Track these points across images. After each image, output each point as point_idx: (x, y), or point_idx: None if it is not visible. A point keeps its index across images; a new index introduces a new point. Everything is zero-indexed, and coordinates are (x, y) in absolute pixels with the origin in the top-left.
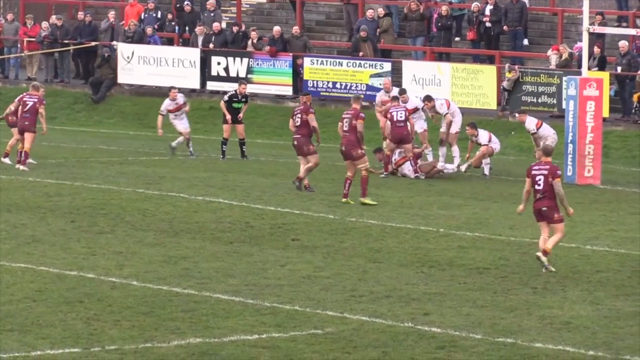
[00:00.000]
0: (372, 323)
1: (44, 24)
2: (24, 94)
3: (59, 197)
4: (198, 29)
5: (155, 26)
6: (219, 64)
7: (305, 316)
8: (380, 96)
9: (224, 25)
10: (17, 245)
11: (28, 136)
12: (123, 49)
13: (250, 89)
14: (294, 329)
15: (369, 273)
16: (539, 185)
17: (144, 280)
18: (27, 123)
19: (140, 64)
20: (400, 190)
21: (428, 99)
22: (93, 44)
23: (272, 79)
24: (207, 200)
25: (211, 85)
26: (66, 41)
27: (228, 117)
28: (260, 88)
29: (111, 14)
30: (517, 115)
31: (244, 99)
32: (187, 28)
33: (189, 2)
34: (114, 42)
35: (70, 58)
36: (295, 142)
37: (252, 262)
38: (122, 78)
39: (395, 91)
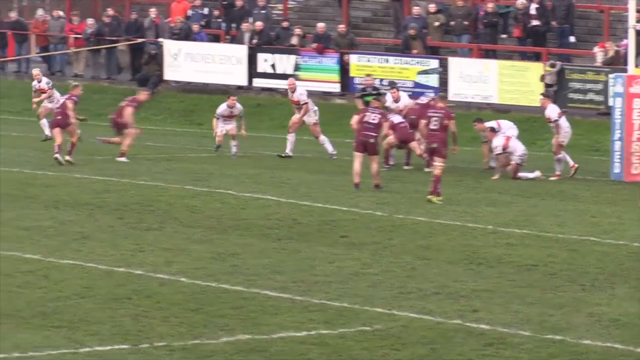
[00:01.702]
0: (420, 320)
1: (90, 21)
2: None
3: (107, 194)
4: (245, 26)
5: (202, 23)
6: (265, 60)
7: (353, 313)
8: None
9: (268, 22)
10: (65, 242)
11: (59, 132)
12: (169, 46)
13: (297, 85)
14: (342, 326)
15: (417, 270)
16: None
17: (192, 276)
18: (59, 118)
19: (187, 61)
20: (448, 188)
21: (478, 120)
22: (139, 40)
23: (319, 76)
24: (255, 197)
25: (258, 82)
26: (113, 38)
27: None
28: (307, 85)
29: (152, 11)
30: (541, 97)
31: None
32: (234, 25)
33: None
34: (160, 39)
35: (119, 55)
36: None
37: (300, 259)
38: (168, 75)
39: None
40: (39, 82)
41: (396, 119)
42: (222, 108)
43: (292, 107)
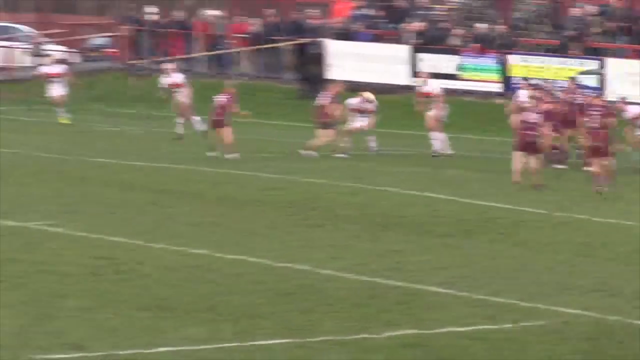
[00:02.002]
0: (582, 316)
1: (255, 21)
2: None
3: (273, 191)
4: (407, 26)
5: (365, 23)
6: (426, 60)
7: (514, 308)
8: None
9: (430, 23)
10: (233, 237)
11: (224, 131)
12: (332, 45)
13: (458, 85)
14: (503, 321)
15: (578, 267)
16: None
17: (357, 272)
18: (219, 119)
19: (350, 61)
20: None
21: None
22: (302, 40)
23: (479, 76)
24: (417, 194)
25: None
26: (277, 37)
27: None
28: (468, 85)
29: (315, 11)
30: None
31: None
32: (395, 25)
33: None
34: (323, 39)
35: (282, 54)
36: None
37: (462, 255)
38: (331, 74)
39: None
40: (170, 77)
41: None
42: (355, 101)
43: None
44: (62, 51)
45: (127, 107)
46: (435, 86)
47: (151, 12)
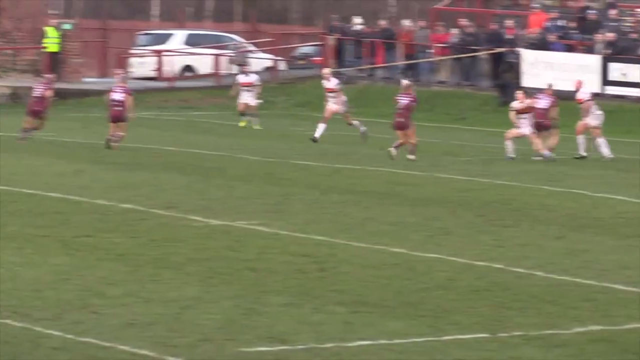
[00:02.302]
0: None
1: (454, 31)
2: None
3: (468, 192)
4: (597, 37)
5: (558, 34)
6: (617, 70)
7: None
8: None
9: (620, 33)
10: (429, 236)
11: (405, 133)
12: (527, 55)
13: None
14: None
15: None
16: None
17: (547, 270)
18: (402, 120)
19: (544, 69)
20: None
21: None
22: (499, 50)
23: None
24: (606, 196)
25: (609, 90)
26: (475, 47)
27: None
28: None
29: (511, 22)
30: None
31: None
32: (587, 36)
33: (594, 12)
34: (518, 49)
35: (480, 63)
36: None
37: None
38: (526, 82)
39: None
40: (328, 81)
41: None
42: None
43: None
44: (269, 59)
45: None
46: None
47: (356, 22)
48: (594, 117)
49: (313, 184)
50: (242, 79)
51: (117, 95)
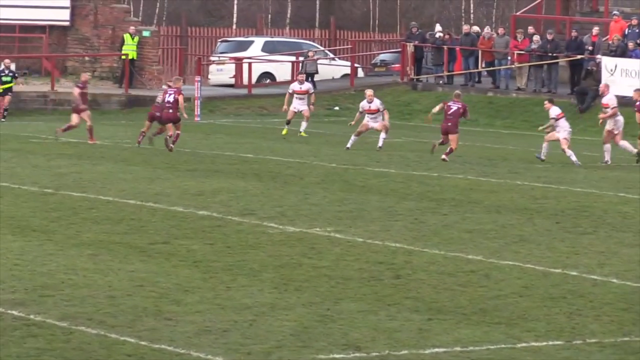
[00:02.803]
0: None
1: (535, 37)
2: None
3: (545, 200)
4: None
5: (638, 41)
6: None
7: None
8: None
9: None
10: (505, 244)
11: (453, 137)
12: (607, 62)
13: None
14: None
15: None
16: None
17: (623, 278)
18: (450, 124)
19: (623, 77)
20: None
21: None
22: (579, 57)
23: None
24: None
25: None
26: (555, 54)
27: None
28: None
29: (595, 30)
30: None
31: None
32: None
33: None
34: (598, 56)
35: (560, 70)
36: None
37: None
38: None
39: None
40: (370, 102)
41: None
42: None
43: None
44: (346, 65)
45: (407, 119)
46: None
47: (438, 30)
48: (613, 123)
49: (389, 191)
50: (295, 87)
51: (170, 97)
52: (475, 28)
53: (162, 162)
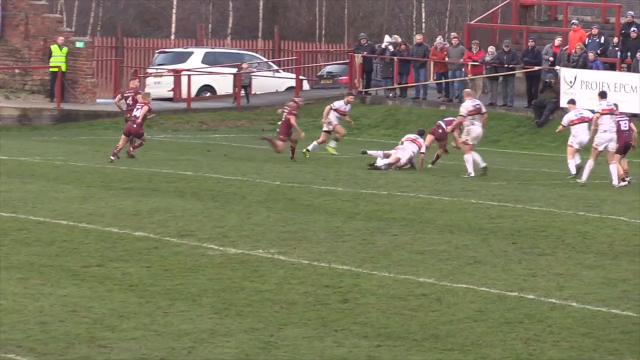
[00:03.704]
0: None
1: (490, 49)
2: None
3: (500, 219)
4: (639, 55)
5: (598, 51)
6: None
7: None
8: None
9: None
10: (459, 266)
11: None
12: (566, 73)
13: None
14: None
15: None
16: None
17: (583, 301)
18: (441, 132)
19: (582, 89)
20: None
21: None
22: (536, 68)
23: None
24: None
25: None
26: (511, 65)
27: None
28: None
29: (558, 40)
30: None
31: None
32: (629, 54)
33: (635, 29)
34: (557, 67)
35: (516, 82)
36: None
37: None
38: (564, 102)
39: None
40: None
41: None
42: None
43: None
44: (290, 78)
45: (355, 135)
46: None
47: (388, 41)
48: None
49: (336, 210)
50: (341, 106)
51: (137, 112)
52: (438, 39)
53: (96, 180)
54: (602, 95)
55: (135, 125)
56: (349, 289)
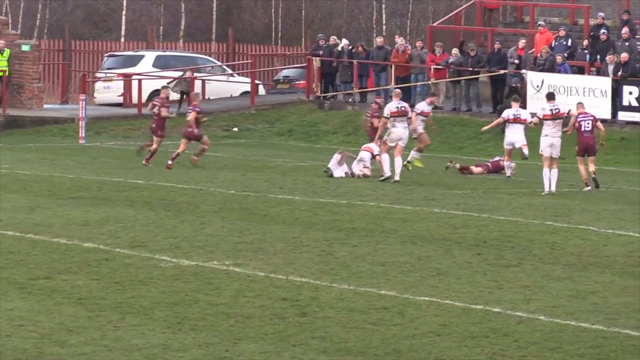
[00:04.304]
0: None
1: (453, 51)
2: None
3: (465, 229)
4: (608, 58)
5: (566, 54)
6: (630, 93)
7: None
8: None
9: (633, 54)
10: (422, 278)
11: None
12: (533, 77)
13: None
14: None
15: None
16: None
17: (551, 315)
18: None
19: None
20: None
21: None
22: (502, 72)
23: None
24: (617, 233)
25: (622, 116)
26: (476, 69)
27: None
28: None
29: (522, 42)
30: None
31: None
32: (598, 57)
33: (605, 31)
34: (523, 71)
35: (480, 86)
36: None
37: None
38: (530, 107)
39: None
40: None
41: None
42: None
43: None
44: (245, 82)
45: (314, 142)
46: None
47: (344, 44)
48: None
49: (293, 220)
50: (425, 108)
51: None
52: (400, 40)
53: (43, 189)
54: (550, 97)
55: (190, 130)
56: (307, 302)
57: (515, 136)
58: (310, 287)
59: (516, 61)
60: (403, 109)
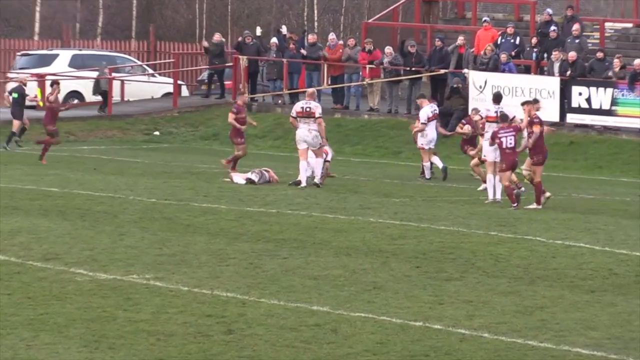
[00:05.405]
0: None
1: (387, 49)
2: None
3: (403, 240)
4: (554, 55)
5: (513, 53)
6: (580, 94)
7: None
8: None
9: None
10: (357, 292)
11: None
12: (475, 77)
13: (612, 122)
14: None
15: None
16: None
17: (496, 332)
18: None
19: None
20: None
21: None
22: (442, 71)
23: (636, 112)
24: (566, 244)
25: (571, 118)
26: (414, 68)
27: None
28: (624, 121)
29: (460, 39)
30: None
31: None
32: (545, 55)
33: (555, 28)
34: (465, 70)
35: (420, 87)
36: None
37: (615, 313)
38: (474, 107)
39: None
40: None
41: None
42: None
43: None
44: (167, 83)
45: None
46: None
47: (273, 42)
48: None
49: (219, 231)
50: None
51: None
52: (331, 36)
53: None
54: (496, 99)
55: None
56: (233, 318)
57: (434, 134)
58: (237, 302)
59: (456, 56)
60: (308, 109)
